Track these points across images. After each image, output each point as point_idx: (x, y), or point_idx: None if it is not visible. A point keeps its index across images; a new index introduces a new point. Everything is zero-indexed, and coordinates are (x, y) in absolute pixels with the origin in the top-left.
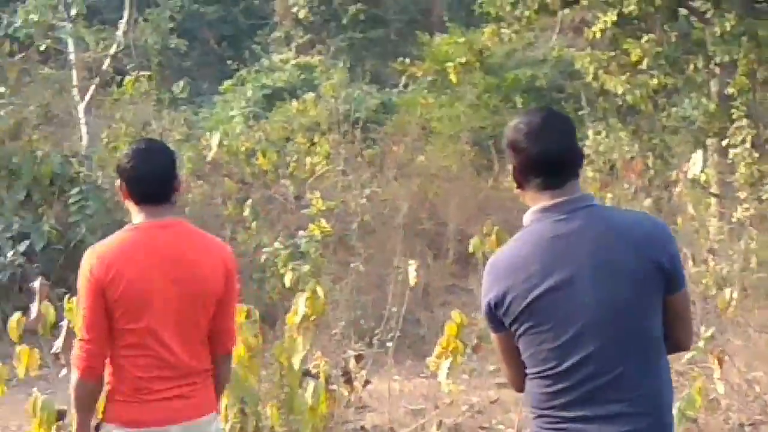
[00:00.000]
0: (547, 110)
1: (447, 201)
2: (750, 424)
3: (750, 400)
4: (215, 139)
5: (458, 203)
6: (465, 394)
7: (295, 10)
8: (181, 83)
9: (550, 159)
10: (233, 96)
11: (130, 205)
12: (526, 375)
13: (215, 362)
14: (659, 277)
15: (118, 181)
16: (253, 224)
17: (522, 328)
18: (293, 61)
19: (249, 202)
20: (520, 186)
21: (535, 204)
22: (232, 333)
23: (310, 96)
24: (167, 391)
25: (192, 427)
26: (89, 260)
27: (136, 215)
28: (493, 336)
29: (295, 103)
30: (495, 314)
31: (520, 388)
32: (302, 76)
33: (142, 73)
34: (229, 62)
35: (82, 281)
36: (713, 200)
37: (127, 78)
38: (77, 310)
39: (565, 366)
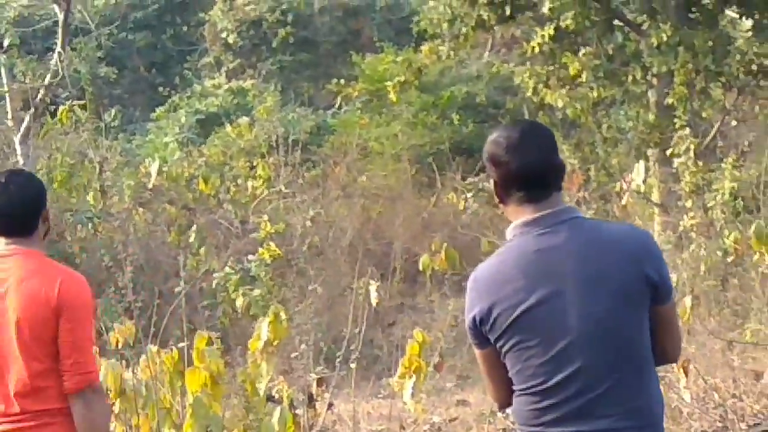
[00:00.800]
0: (526, 123)
1: (391, 220)
2: (712, 431)
3: (711, 408)
4: (155, 167)
5: (402, 222)
6: (425, 413)
7: (224, 35)
8: (113, 111)
9: (531, 172)
10: (166, 122)
11: None
12: (511, 391)
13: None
14: (646, 290)
15: None
16: (201, 250)
17: (508, 344)
18: (225, 86)
19: (194, 228)
20: (501, 201)
21: (517, 218)
22: (72, 369)
23: (244, 120)
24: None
25: None
26: None
27: None
28: (477, 352)
29: (229, 127)
30: (480, 330)
31: (504, 405)
32: (235, 101)
33: (75, 102)
34: (160, 89)
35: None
36: (657, 210)
37: (61, 108)
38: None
39: (553, 382)
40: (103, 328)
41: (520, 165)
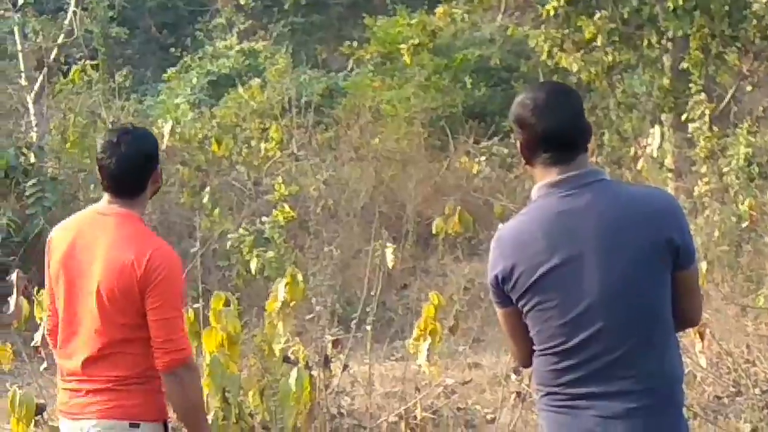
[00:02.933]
0: (553, 85)
1: (404, 183)
2: (726, 396)
3: (725, 373)
4: (167, 127)
5: (415, 185)
6: (439, 375)
7: None
8: (124, 72)
9: (557, 134)
10: (178, 83)
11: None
12: (532, 351)
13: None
14: (668, 253)
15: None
16: (215, 212)
17: (529, 305)
18: (237, 47)
19: (207, 189)
20: (528, 161)
21: (543, 179)
22: (163, 347)
23: (256, 82)
24: (65, 383)
25: None
26: None
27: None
28: (498, 311)
29: (241, 89)
30: (502, 289)
31: (526, 364)
32: (246, 62)
33: (87, 62)
34: (171, 50)
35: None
36: (670, 175)
37: (74, 68)
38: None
39: (572, 343)
40: None
41: (546, 126)
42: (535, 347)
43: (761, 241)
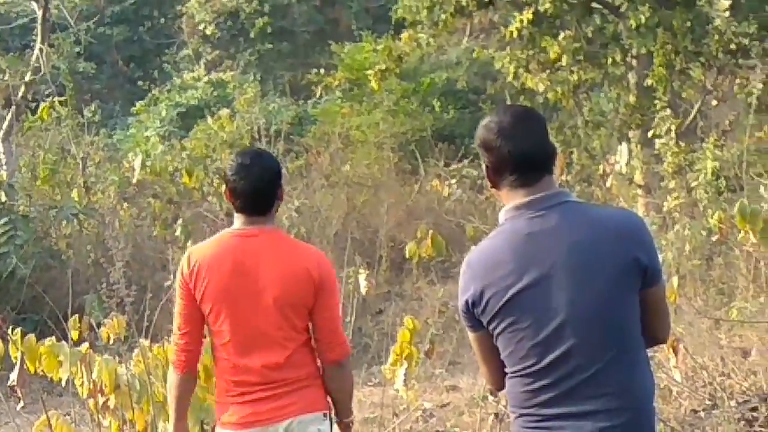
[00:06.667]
0: (518, 108)
1: (376, 208)
2: (702, 410)
3: (700, 386)
4: (138, 161)
5: (387, 210)
6: (417, 399)
7: (201, 27)
8: (93, 106)
9: (522, 156)
10: (147, 116)
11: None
12: (505, 374)
13: (323, 370)
14: (636, 272)
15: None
16: (188, 243)
17: (500, 327)
18: (205, 78)
19: (179, 221)
20: (494, 185)
21: (510, 202)
22: (332, 343)
23: (225, 112)
24: (248, 395)
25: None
26: (184, 257)
27: (236, 220)
28: (471, 335)
29: (210, 120)
30: (473, 313)
31: (499, 387)
32: (215, 93)
33: (55, 98)
34: (139, 83)
35: (177, 276)
36: (640, 191)
37: (42, 104)
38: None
39: (544, 363)
40: (94, 324)
41: (512, 149)
42: (507, 369)
43: (732, 254)
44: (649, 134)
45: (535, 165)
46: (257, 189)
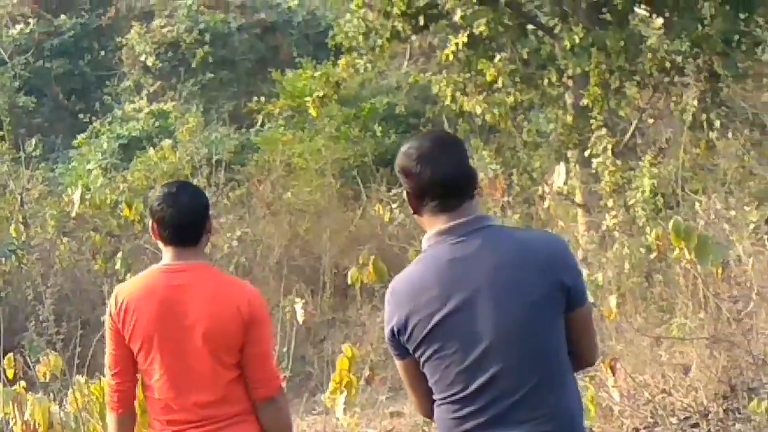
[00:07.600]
0: (436, 134)
1: (318, 235)
2: (644, 428)
3: (642, 404)
4: (77, 195)
5: (330, 236)
6: (357, 427)
7: (142, 58)
8: (33, 141)
9: (442, 182)
10: (89, 149)
11: (160, 245)
12: (433, 401)
13: (256, 406)
14: (560, 296)
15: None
16: (127, 276)
17: (426, 354)
18: (146, 110)
19: (119, 254)
20: (415, 211)
21: (432, 227)
22: (263, 379)
23: (167, 143)
24: None
25: None
26: (112, 296)
27: (164, 255)
28: (398, 363)
29: (152, 151)
30: (398, 341)
31: (429, 415)
32: (157, 124)
33: None
34: (80, 116)
35: (107, 315)
36: (580, 211)
37: None
38: None
39: (471, 389)
40: (29, 363)
41: (431, 175)
42: (435, 396)
43: (671, 271)
44: (586, 153)
45: (455, 191)
46: (184, 217)
